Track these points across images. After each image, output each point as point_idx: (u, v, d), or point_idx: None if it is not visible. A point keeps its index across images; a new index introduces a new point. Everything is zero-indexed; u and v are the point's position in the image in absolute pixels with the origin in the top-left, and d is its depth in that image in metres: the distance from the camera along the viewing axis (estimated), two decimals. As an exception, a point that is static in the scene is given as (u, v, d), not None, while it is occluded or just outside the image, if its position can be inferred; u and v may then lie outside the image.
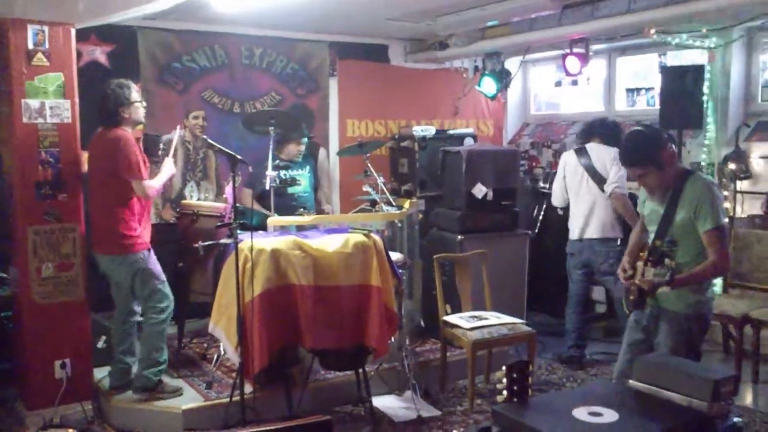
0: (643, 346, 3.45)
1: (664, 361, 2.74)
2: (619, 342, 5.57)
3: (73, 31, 4.22)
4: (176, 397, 4.26)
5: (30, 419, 4.17)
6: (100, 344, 4.67)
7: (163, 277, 4.29)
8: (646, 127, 3.48)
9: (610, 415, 2.28)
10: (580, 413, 2.30)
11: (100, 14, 4.36)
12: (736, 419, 2.35)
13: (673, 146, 3.33)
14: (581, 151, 5.30)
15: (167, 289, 4.30)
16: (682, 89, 5.47)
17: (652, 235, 3.43)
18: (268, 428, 2.02)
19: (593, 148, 5.27)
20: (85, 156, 4.30)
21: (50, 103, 4.15)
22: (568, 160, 5.37)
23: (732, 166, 5.56)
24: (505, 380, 2.42)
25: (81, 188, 4.30)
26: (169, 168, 4.38)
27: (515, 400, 2.40)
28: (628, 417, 2.28)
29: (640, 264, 3.38)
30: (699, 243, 3.25)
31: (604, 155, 5.19)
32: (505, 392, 2.42)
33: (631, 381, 2.56)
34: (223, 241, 4.24)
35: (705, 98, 5.68)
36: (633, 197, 4.92)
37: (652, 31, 5.26)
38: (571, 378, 5.13)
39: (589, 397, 2.46)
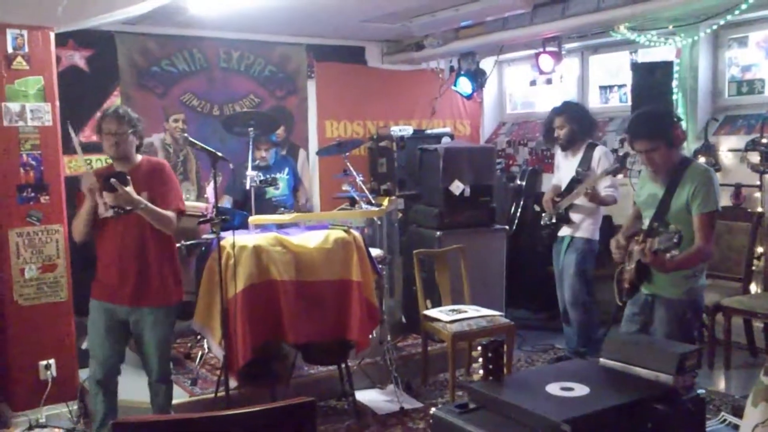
0: None
1: (631, 338, 2.85)
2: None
3: (52, 35, 4.27)
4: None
5: (15, 420, 4.21)
6: (85, 345, 4.69)
7: None
8: (659, 105, 3.47)
9: (581, 390, 2.37)
10: (553, 389, 2.39)
11: (79, 19, 4.41)
12: (700, 391, 2.45)
13: (683, 128, 3.26)
14: None
15: None
16: (653, 85, 5.61)
17: (647, 220, 3.41)
18: (252, 409, 2.09)
19: None
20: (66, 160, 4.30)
21: (31, 107, 4.19)
22: None
23: (702, 159, 5.69)
24: (480, 360, 2.51)
25: (63, 190, 4.34)
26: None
27: (491, 378, 2.49)
28: (599, 390, 2.38)
29: (635, 247, 3.34)
30: (693, 231, 3.25)
31: None
32: (481, 371, 2.50)
33: (601, 359, 2.65)
34: (206, 236, 4.30)
35: (675, 93, 5.83)
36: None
37: (622, 27, 5.40)
38: (550, 369, 5.24)
39: (561, 373, 2.55)
